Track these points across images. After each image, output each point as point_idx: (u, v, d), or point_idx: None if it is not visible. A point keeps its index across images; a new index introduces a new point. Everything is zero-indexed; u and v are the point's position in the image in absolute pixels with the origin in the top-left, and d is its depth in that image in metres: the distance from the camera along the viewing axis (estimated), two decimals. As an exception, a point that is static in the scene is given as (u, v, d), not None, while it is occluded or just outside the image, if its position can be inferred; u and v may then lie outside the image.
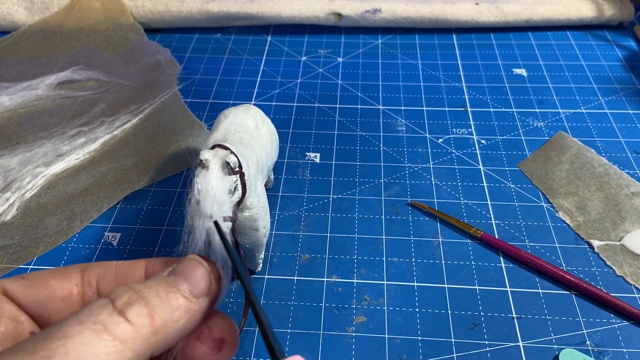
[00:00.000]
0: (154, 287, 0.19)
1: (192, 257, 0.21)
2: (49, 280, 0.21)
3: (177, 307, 0.19)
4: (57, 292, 0.21)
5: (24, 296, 0.21)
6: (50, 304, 0.21)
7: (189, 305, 0.19)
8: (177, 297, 0.19)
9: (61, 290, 0.21)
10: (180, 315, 0.19)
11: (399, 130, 0.49)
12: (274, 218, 0.41)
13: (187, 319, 0.19)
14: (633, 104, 0.52)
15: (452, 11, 0.61)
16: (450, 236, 0.40)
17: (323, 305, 0.35)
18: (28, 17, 0.64)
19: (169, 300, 0.19)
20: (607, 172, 0.43)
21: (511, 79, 0.55)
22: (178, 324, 0.19)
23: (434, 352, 0.33)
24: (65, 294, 0.21)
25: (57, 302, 0.21)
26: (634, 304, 0.35)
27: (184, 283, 0.20)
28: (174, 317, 0.19)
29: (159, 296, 0.19)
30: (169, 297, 0.19)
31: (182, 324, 0.19)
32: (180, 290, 0.19)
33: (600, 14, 0.61)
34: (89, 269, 0.22)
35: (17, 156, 0.45)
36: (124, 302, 0.18)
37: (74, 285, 0.21)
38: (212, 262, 0.21)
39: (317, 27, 0.64)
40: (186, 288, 0.20)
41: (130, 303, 0.18)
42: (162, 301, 0.19)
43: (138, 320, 0.18)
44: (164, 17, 0.62)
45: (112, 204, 0.42)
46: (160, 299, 0.19)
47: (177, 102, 0.52)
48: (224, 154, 0.28)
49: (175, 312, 0.19)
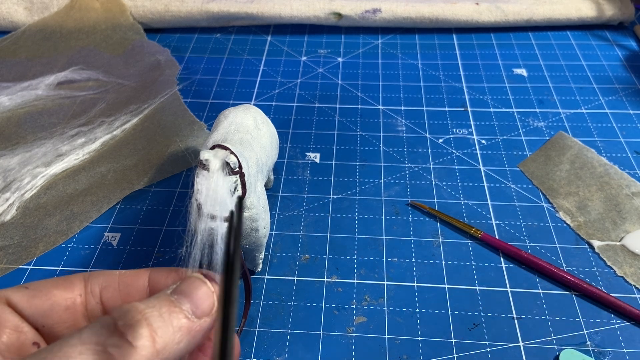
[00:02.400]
0: (157, 306, 0.19)
1: (196, 275, 0.21)
2: (52, 290, 0.21)
3: (179, 327, 0.19)
4: (61, 302, 0.21)
5: (27, 306, 0.20)
6: (53, 314, 0.21)
7: (191, 326, 0.19)
8: (179, 318, 0.19)
9: (64, 300, 0.21)
10: (182, 337, 0.19)
11: (399, 131, 0.49)
12: (274, 218, 0.41)
13: (189, 340, 0.19)
14: (633, 104, 0.52)
15: (452, 11, 0.61)
16: (451, 236, 0.40)
17: (323, 305, 0.35)
18: (28, 17, 0.64)
19: (171, 321, 0.19)
20: (607, 172, 0.43)
21: (511, 79, 0.55)
22: (179, 345, 0.19)
23: (434, 352, 0.33)
24: (69, 303, 0.21)
25: (61, 312, 0.21)
26: (635, 305, 0.35)
27: (187, 303, 0.20)
28: (176, 339, 0.19)
29: (162, 317, 0.19)
30: (172, 317, 0.19)
31: (184, 345, 0.19)
32: (182, 310, 0.19)
33: (601, 14, 0.61)
34: (92, 278, 0.22)
35: (17, 156, 0.45)
36: (126, 324, 0.18)
37: (77, 295, 0.21)
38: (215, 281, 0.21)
39: (317, 27, 0.64)
40: (189, 308, 0.20)
41: (133, 325, 0.18)
42: (165, 322, 0.19)
43: (139, 343, 0.18)
44: (163, 17, 0.62)
45: (111, 204, 0.42)
46: (162, 320, 0.19)
47: (177, 102, 0.52)
48: (224, 154, 0.28)
49: (177, 334, 0.19)
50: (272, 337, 0.34)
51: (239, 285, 0.21)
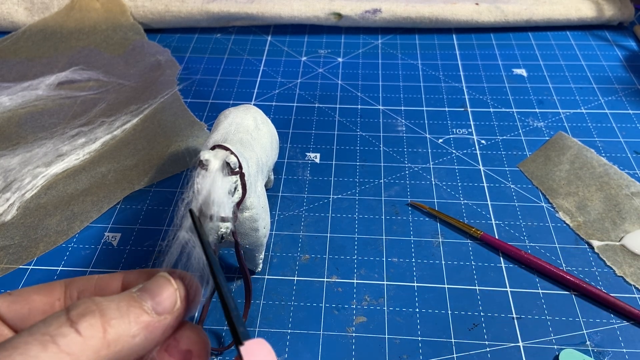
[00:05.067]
0: (116, 300, 0.19)
1: (162, 274, 0.21)
2: (32, 295, 0.22)
3: (136, 321, 0.19)
4: (39, 307, 0.21)
5: (7, 311, 0.21)
6: (31, 318, 0.21)
7: (149, 321, 0.19)
8: (137, 313, 0.19)
9: (43, 305, 0.22)
10: (139, 330, 0.19)
11: (399, 131, 0.49)
12: (274, 218, 0.41)
13: (146, 335, 0.19)
14: (633, 104, 0.52)
15: (452, 11, 0.61)
16: (450, 236, 0.40)
17: (323, 305, 0.36)
18: (28, 17, 0.64)
19: (128, 314, 0.19)
20: (607, 172, 0.43)
21: (511, 79, 0.55)
22: (135, 339, 0.19)
23: (434, 352, 0.33)
24: (47, 308, 0.22)
25: (39, 316, 0.21)
26: (634, 304, 0.35)
27: (149, 300, 0.20)
28: (131, 332, 0.19)
29: (119, 310, 0.19)
30: (129, 311, 0.19)
31: (140, 339, 0.19)
32: (142, 306, 0.20)
33: (601, 14, 0.61)
34: (72, 283, 0.22)
35: (17, 156, 0.45)
36: (78, 313, 0.18)
37: (55, 300, 0.22)
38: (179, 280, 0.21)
39: (317, 27, 0.64)
40: (149, 305, 0.20)
41: (84, 314, 0.18)
42: (121, 314, 0.19)
43: (88, 332, 0.18)
44: (164, 17, 0.62)
45: (112, 204, 0.42)
46: (119, 312, 0.19)
47: (177, 102, 0.52)
48: (224, 154, 0.28)
49: (133, 327, 0.19)
50: (272, 337, 0.34)
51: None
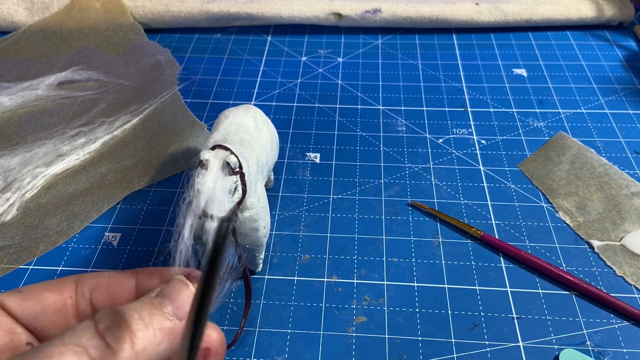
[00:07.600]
0: (138, 309, 0.19)
1: (179, 278, 0.21)
2: (43, 293, 0.22)
3: (160, 329, 0.19)
4: (51, 305, 0.22)
5: (19, 309, 0.21)
6: (44, 316, 0.21)
7: (172, 328, 0.20)
8: (160, 320, 0.19)
9: (55, 303, 0.22)
10: (163, 338, 0.19)
11: (399, 131, 0.49)
12: (274, 218, 0.41)
13: (170, 341, 0.19)
14: (633, 104, 0.52)
15: (452, 11, 0.61)
16: (450, 236, 0.40)
17: (323, 305, 0.36)
18: (28, 17, 0.64)
19: (152, 322, 0.19)
20: (607, 172, 0.43)
21: (511, 79, 0.55)
22: (160, 347, 0.19)
23: (434, 352, 0.33)
24: (59, 306, 0.22)
25: (52, 314, 0.22)
26: (634, 304, 0.35)
27: (169, 305, 0.20)
28: (156, 341, 0.19)
29: (142, 319, 0.19)
30: (152, 319, 0.19)
31: (165, 346, 0.19)
32: (164, 312, 0.20)
33: (600, 14, 0.61)
34: (82, 280, 0.23)
35: (17, 156, 0.45)
36: (106, 326, 0.18)
37: (67, 297, 0.22)
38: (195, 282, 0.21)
39: (317, 27, 0.64)
40: (170, 310, 0.20)
41: (112, 327, 0.18)
42: (145, 324, 0.19)
43: (118, 345, 0.18)
44: (164, 17, 0.62)
45: (112, 204, 0.42)
46: (142, 322, 0.19)
47: (177, 102, 0.52)
48: (225, 154, 0.28)
49: (157, 336, 0.19)
50: (272, 337, 0.34)
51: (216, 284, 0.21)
